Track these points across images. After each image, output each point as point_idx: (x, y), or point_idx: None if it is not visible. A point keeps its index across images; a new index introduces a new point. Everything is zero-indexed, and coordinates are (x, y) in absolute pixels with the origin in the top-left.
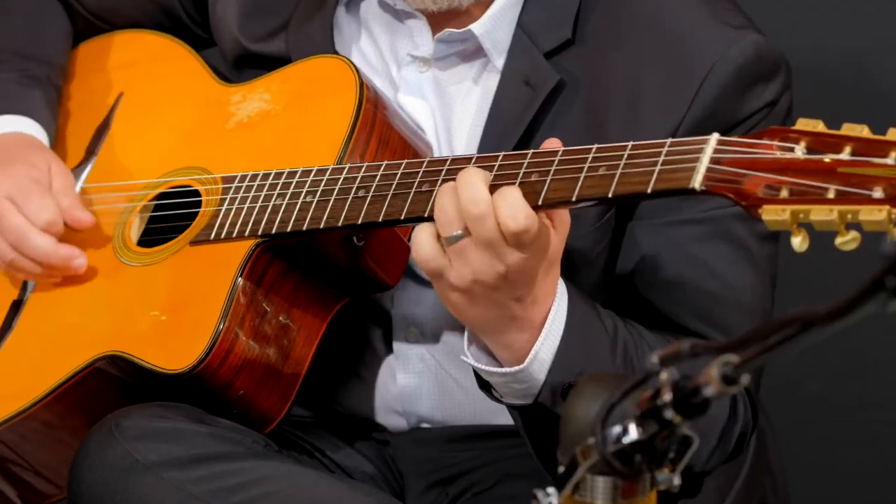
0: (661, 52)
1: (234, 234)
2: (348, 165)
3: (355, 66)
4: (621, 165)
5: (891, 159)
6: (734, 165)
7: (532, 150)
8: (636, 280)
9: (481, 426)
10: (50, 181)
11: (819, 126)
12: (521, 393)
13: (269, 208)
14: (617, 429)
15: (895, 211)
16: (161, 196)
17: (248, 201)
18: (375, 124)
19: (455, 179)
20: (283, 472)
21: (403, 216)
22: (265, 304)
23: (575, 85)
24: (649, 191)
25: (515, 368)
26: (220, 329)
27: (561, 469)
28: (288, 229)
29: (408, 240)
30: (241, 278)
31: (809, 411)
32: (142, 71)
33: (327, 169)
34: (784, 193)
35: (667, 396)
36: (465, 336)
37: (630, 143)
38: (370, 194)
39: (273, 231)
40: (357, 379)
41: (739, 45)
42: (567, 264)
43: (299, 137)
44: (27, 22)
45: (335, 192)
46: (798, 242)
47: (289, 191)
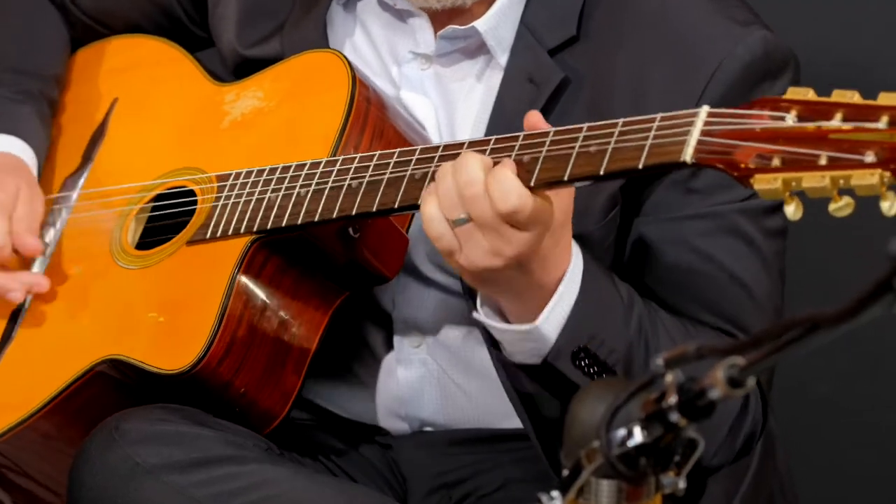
0: (667, 49)
1: (230, 232)
2: (341, 157)
3: (347, 59)
4: (612, 142)
5: (882, 123)
6: (725, 137)
7: (523, 133)
8: (643, 275)
9: (485, 430)
10: (13, 207)
11: (809, 94)
12: (531, 352)
13: (264, 204)
14: (622, 432)
15: (887, 174)
16: (158, 198)
17: (243, 198)
18: (369, 117)
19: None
20: (285, 476)
21: (397, 204)
22: (264, 300)
23: (579, 82)
24: (641, 166)
25: (528, 326)
26: (218, 327)
27: (565, 472)
28: (283, 224)
29: (406, 231)
30: (239, 275)
31: (817, 413)
32: (136, 75)
33: (321, 162)
34: (776, 162)
35: (672, 399)
36: (478, 296)
37: (621, 120)
38: (364, 185)
39: (268, 226)
40: (358, 382)
41: (747, 42)
42: None
43: (293, 133)
44: (21, 33)
45: (329, 185)
46: (791, 210)
47: (283, 185)
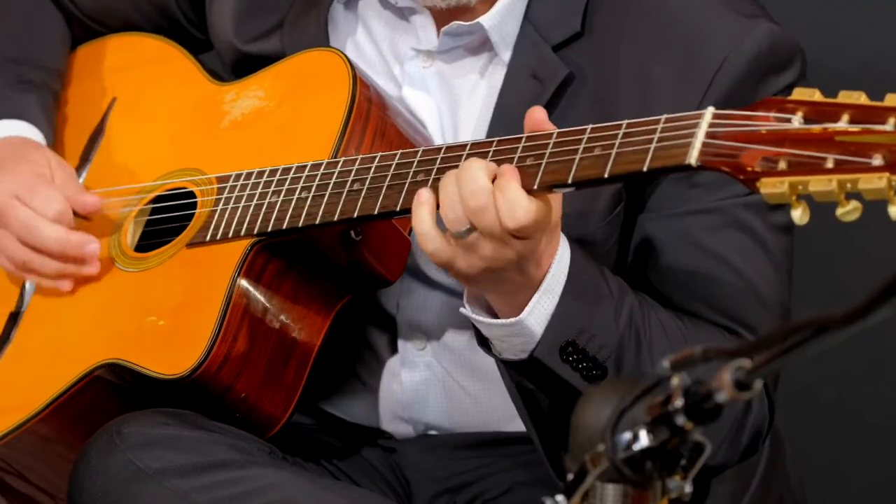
0: (673, 43)
1: (230, 235)
2: (342, 159)
3: (348, 58)
4: (616, 145)
5: (889, 125)
6: (730, 139)
7: (526, 134)
8: (647, 273)
9: (490, 433)
10: (52, 174)
11: (816, 95)
12: (519, 347)
13: (264, 206)
14: (627, 435)
15: (895, 178)
16: (157, 199)
17: (243, 200)
18: (371, 116)
19: (450, 168)
20: (288, 481)
21: (399, 207)
22: (265, 304)
23: (583, 78)
24: (645, 169)
25: (512, 320)
26: (218, 331)
27: (570, 476)
28: (284, 226)
29: (408, 233)
30: (239, 278)
31: (825, 417)
32: (135, 74)
33: (321, 164)
34: (782, 165)
35: (678, 402)
36: (465, 293)
37: (625, 122)
38: (365, 187)
39: (269, 229)
40: (362, 386)
41: (754, 35)
42: None
43: (294, 133)
44: (24, 28)
45: (330, 187)
46: (798, 215)
47: (283, 188)
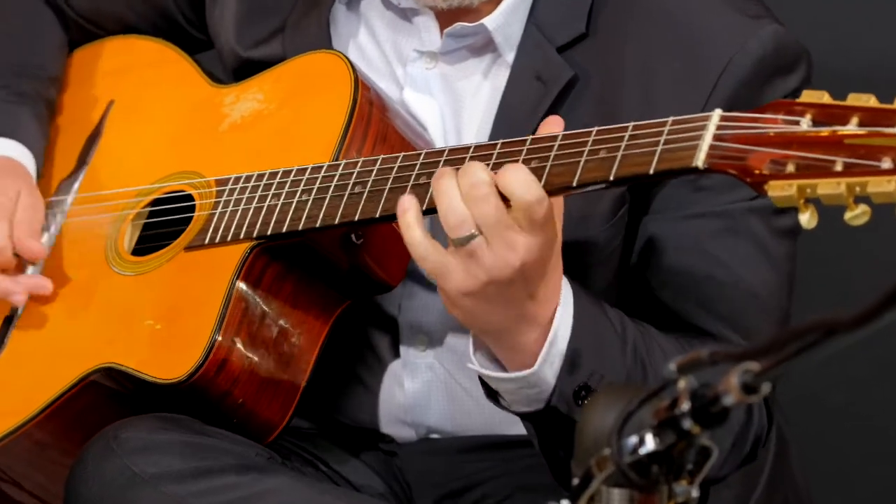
0: (677, 44)
1: (229, 238)
2: (343, 162)
3: (349, 60)
4: (622, 147)
5: None
6: (738, 141)
7: (531, 136)
8: (648, 276)
9: (493, 436)
10: (13, 211)
11: (825, 97)
12: (532, 398)
13: (264, 209)
14: (633, 439)
15: None
16: (156, 202)
17: (243, 203)
18: (372, 119)
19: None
20: (287, 486)
21: None
22: (263, 309)
23: (587, 80)
24: (651, 172)
25: (526, 372)
26: (216, 336)
27: (576, 481)
28: (283, 230)
29: None
30: (238, 282)
31: (833, 421)
32: (133, 77)
33: (322, 166)
34: (790, 168)
35: (685, 406)
36: (471, 342)
37: (631, 124)
38: (367, 190)
39: (268, 232)
40: (363, 388)
41: (759, 36)
42: (580, 264)
43: (294, 135)
44: (18, 34)
45: (331, 190)
46: (806, 219)
47: (283, 190)
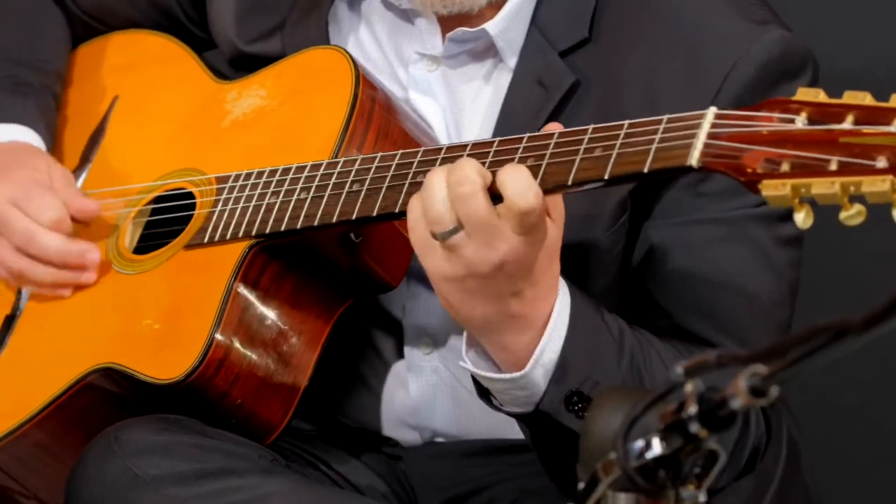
0: (680, 49)
1: (228, 236)
2: (343, 160)
3: (351, 56)
4: (617, 146)
5: (894, 127)
6: (733, 140)
7: (527, 135)
8: (648, 282)
9: (498, 440)
10: (51, 180)
11: (820, 95)
12: (523, 401)
13: (263, 208)
14: (639, 443)
15: None
16: (158, 200)
17: (242, 201)
18: (374, 116)
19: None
20: (290, 489)
21: (398, 209)
22: (262, 309)
23: (589, 85)
24: (646, 170)
25: (516, 374)
26: (214, 336)
27: (581, 485)
28: (282, 228)
29: None
30: (236, 282)
31: (842, 425)
32: (137, 73)
33: (321, 164)
34: (784, 167)
35: (692, 409)
36: (464, 340)
37: (626, 122)
38: (365, 188)
39: (267, 231)
40: (367, 391)
41: (763, 41)
42: (582, 270)
43: (295, 132)
44: (23, 29)
45: (329, 188)
46: (801, 218)
47: (282, 188)
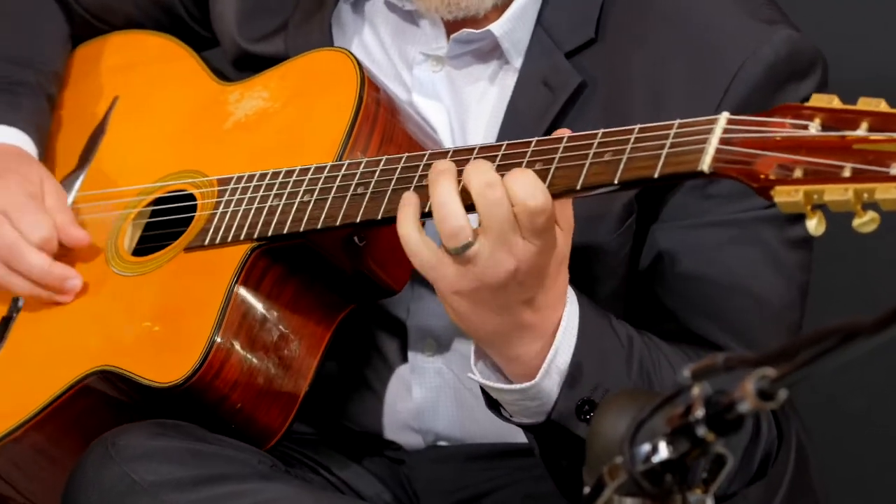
0: (688, 49)
1: (230, 239)
2: (347, 162)
3: (356, 58)
4: (627, 150)
5: None
6: (745, 146)
7: (536, 138)
8: (656, 285)
9: (502, 444)
10: (43, 196)
11: (834, 101)
12: (533, 411)
13: (265, 210)
14: (646, 447)
15: None
16: (158, 201)
17: (244, 204)
18: (378, 119)
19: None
20: (290, 494)
21: None
22: (263, 312)
23: (596, 86)
24: (656, 175)
25: (527, 384)
26: (214, 339)
27: (587, 489)
28: (284, 231)
29: None
30: (237, 285)
31: (851, 429)
32: (137, 73)
33: (325, 166)
34: (797, 173)
35: (699, 412)
36: (472, 351)
37: (637, 126)
38: (369, 191)
39: (269, 233)
40: (370, 393)
41: (772, 41)
42: (588, 273)
43: (298, 135)
44: (21, 28)
45: (333, 191)
46: (813, 225)
47: (285, 191)
